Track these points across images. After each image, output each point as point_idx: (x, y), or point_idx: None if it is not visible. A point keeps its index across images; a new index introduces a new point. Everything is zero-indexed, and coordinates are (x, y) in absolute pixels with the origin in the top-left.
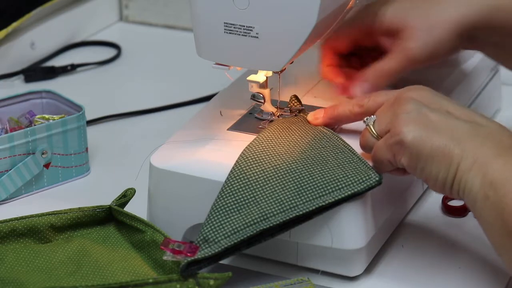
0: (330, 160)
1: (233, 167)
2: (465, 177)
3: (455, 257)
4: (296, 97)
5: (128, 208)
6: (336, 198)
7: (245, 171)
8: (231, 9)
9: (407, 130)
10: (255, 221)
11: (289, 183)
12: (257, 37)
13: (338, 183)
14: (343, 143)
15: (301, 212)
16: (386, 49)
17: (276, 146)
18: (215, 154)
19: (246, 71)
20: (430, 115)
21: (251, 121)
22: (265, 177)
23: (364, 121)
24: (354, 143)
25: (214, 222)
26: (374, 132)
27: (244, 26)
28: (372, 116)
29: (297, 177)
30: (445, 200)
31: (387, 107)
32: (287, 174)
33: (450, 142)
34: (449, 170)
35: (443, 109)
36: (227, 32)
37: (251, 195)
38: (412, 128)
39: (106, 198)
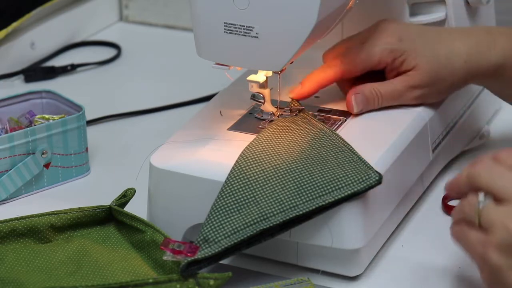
0: (330, 159)
1: (233, 167)
2: None
3: (455, 257)
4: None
5: (128, 208)
6: (336, 197)
7: (245, 171)
8: (231, 9)
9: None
10: (255, 221)
11: (289, 183)
12: (257, 37)
13: (338, 183)
14: (343, 142)
15: (301, 212)
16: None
17: (276, 146)
18: (215, 154)
19: (246, 71)
20: None
21: (251, 121)
22: (265, 177)
23: (478, 201)
24: (354, 143)
25: (214, 222)
26: (477, 220)
27: (244, 26)
28: (489, 199)
29: (297, 176)
30: (445, 200)
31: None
32: (287, 174)
33: None
34: None
35: None
36: (227, 32)
37: (251, 195)
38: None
39: (106, 198)
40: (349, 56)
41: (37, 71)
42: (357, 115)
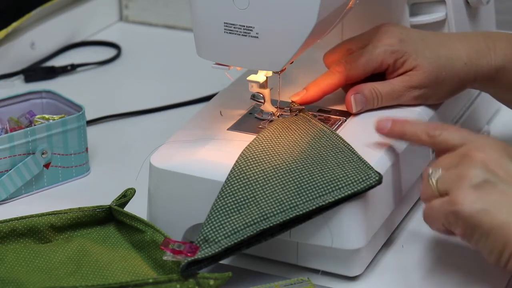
0: (330, 159)
1: (233, 167)
2: None
3: (455, 257)
4: None
5: (128, 208)
6: (336, 197)
7: (245, 171)
8: (231, 9)
9: (466, 202)
10: (255, 221)
11: (289, 183)
12: (257, 37)
13: (338, 183)
14: (343, 142)
15: (301, 212)
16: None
17: (276, 146)
18: (215, 154)
19: (246, 71)
20: (495, 187)
21: (251, 121)
22: (265, 177)
23: (429, 175)
24: (354, 143)
25: (214, 222)
26: (436, 189)
27: (244, 26)
28: (438, 170)
29: (297, 176)
30: None
31: (454, 164)
32: (287, 174)
33: (508, 220)
34: (505, 246)
35: (510, 176)
36: (227, 32)
37: (251, 195)
38: (472, 200)
39: (106, 198)
40: (351, 60)
41: (37, 71)
42: (357, 115)
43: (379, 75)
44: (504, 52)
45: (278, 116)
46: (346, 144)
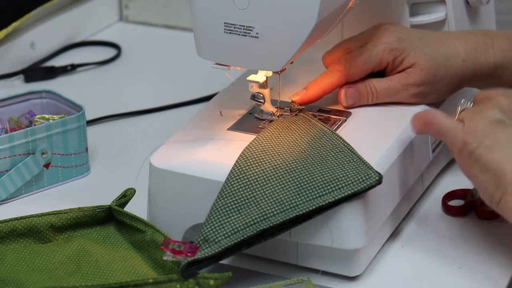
0: (330, 159)
1: (233, 167)
2: (510, 202)
3: (455, 257)
4: None
5: (128, 208)
6: (336, 197)
7: (245, 171)
8: (231, 9)
9: (475, 137)
10: (255, 221)
11: (289, 183)
12: (257, 37)
13: (338, 183)
14: (343, 142)
15: (301, 212)
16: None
17: (276, 146)
18: (215, 154)
19: (246, 71)
20: (505, 129)
21: (251, 121)
22: (265, 177)
23: (459, 104)
24: (354, 143)
25: (214, 222)
26: (457, 114)
27: (244, 26)
28: (467, 103)
29: (297, 176)
30: (445, 200)
31: (479, 101)
32: (287, 174)
33: (507, 161)
34: (497, 188)
35: None
36: (227, 32)
37: (251, 195)
38: (480, 136)
39: (106, 198)
40: (350, 59)
41: (37, 71)
42: (357, 115)
43: (379, 74)
44: (502, 49)
45: (278, 116)
46: (346, 144)
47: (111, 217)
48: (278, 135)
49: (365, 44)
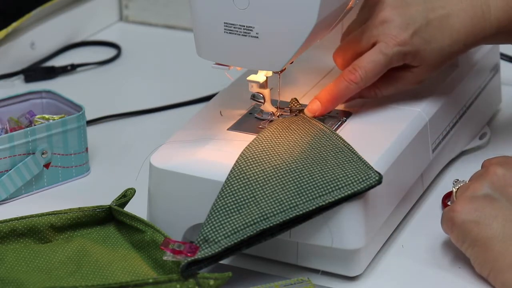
0: (330, 159)
1: (232, 167)
2: (501, 278)
3: (455, 257)
4: (296, 100)
5: (128, 208)
6: (336, 197)
7: (245, 171)
8: (231, 9)
9: (462, 210)
10: (255, 221)
11: (289, 183)
12: (257, 37)
13: (338, 183)
14: (343, 142)
15: (301, 212)
16: None
17: (276, 146)
18: (215, 154)
19: (246, 71)
20: (493, 203)
21: (251, 121)
22: (265, 177)
23: (456, 182)
24: (354, 143)
25: (214, 222)
26: (454, 195)
27: (244, 26)
28: (464, 180)
29: (297, 176)
30: (445, 200)
31: (476, 176)
32: (287, 174)
33: (493, 237)
34: (486, 260)
35: None
36: (227, 32)
37: (251, 195)
38: (467, 210)
39: (106, 198)
40: (363, 67)
41: (37, 71)
42: (357, 115)
43: None
44: (498, 19)
45: (278, 116)
46: (346, 144)
47: (111, 217)
48: (278, 135)
49: (375, 41)
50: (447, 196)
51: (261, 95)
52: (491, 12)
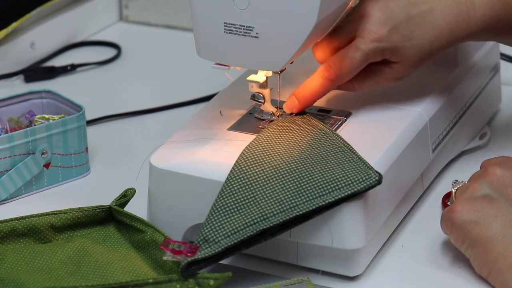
0: (330, 159)
1: (233, 167)
2: (501, 278)
3: (455, 257)
4: None
5: (128, 208)
6: (336, 197)
7: (245, 171)
8: (231, 9)
9: (461, 211)
10: (255, 221)
11: (289, 183)
12: (257, 37)
13: (338, 183)
14: (343, 142)
15: (301, 212)
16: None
17: (276, 146)
18: (215, 154)
19: (246, 71)
20: (492, 203)
21: (251, 121)
22: (265, 177)
23: (455, 183)
24: (354, 143)
25: (214, 222)
26: (453, 196)
27: (244, 26)
28: (463, 181)
29: (297, 176)
30: (445, 200)
31: (476, 177)
32: (287, 174)
33: (493, 237)
34: (485, 261)
35: None
36: (227, 32)
37: (251, 195)
38: (466, 210)
39: (106, 198)
40: (339, 63)
41: (37, 71)
42: (357, 115)
43: None
44: (484, 15)
45: (278, 116)
46: (346, 144)
47: (111, 217)
48: (278, 135)
49: (354, 36)
50: (447, 196)
51: (261, 95)
52: (476, 9)
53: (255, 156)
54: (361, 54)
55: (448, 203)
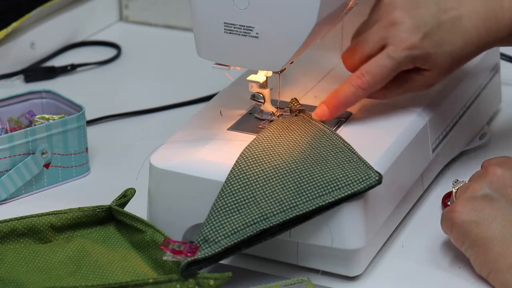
0: (330, 159)
1: (232, 167)
2: (501, 278)
3: (455, 257)
4: (296, 100)
5: (128, 208)
6: (336, 197)
7: (245, 171)
8: (231, 9)
9: (461, 211)
10: (255, 221)
11: (289, 183)
12: (257, 37)
13: (338, 183)
14: (343, 142)
15: (301, 212)
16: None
17: (276, 146)
18: (215, 154)
19: (246, 71)
20: (492, 203)
21: (251, 121)
22: (265, 177)
23: (455, 182)
24: (354, 143)
25: (214, 222)
26: (454, 196)
27: (244, 26)
28: (464, 181)
29: (297, 176)
30: (445, 200)
31: (476, 176)
32: (287, 174)
33: (493, 237)
34: (485, 262)
35: None
36: (227, 32)
37: (251, 195)
38: (466, 210)
39: (106, 198)
40: (372, 72)
41: (37, 71)
42: (357, 115)
43: None
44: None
45: (278, 116)
46: (346, 144)
47: (111, 217)
48: (278, 135)
49: (385, 44)
50: (447, 196)
51: (261, 95)
52: (505, 13)
53: (255, 156)
54: (393, 62)
55: (448, 203)
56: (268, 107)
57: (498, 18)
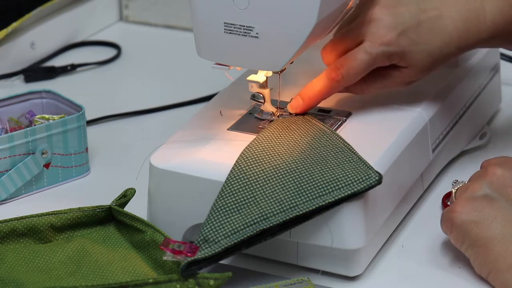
0: (330, 159)
1: (232, 167)
2: (501, 278)
3: (455, 257)
4: None
5: (128, 208)
6: (336, 197)
7: (245, 171)
8: (231, 9)
9: (461, 211)
10: (255, 221)
11: (289, 183)
12: (257, 37)
13: (338, 183)
14: (343, 142)
15: (301, 212)
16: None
17: (276, 146)
18: (215, 154)
19: (246, 71)
20: (492, 203)
21: (251, 121)
22: (265, 177)
23: (455, 183)
24: (354, 143)
25: (214, 222)
26: (453, 196)
27: (244, 26)
28: (463, 181)
29: (297, 176)
30: (445, 200)
31: (476, 176)
32: (287, 174)
33: (493, 237)
34: (485, 262)
35: None
36: (227, 32)
37: (251, 195)
38: (466, 211)
39: (106, 198)
40: (346, 65)
41: (37, 71)
42: (357, 115)
43: None
44: (493, 21)
45: (278, 116)
46: (346, 144)
47: (111, 217)
48: (278, 135)
49: (362, 39)
50: (447, 196)
51: (261, 95)
52: (486, 15)
53: (255, 156)
54: (368, 57)
55: (448, 203)
56: (268, 107)
57: (480, 20)
